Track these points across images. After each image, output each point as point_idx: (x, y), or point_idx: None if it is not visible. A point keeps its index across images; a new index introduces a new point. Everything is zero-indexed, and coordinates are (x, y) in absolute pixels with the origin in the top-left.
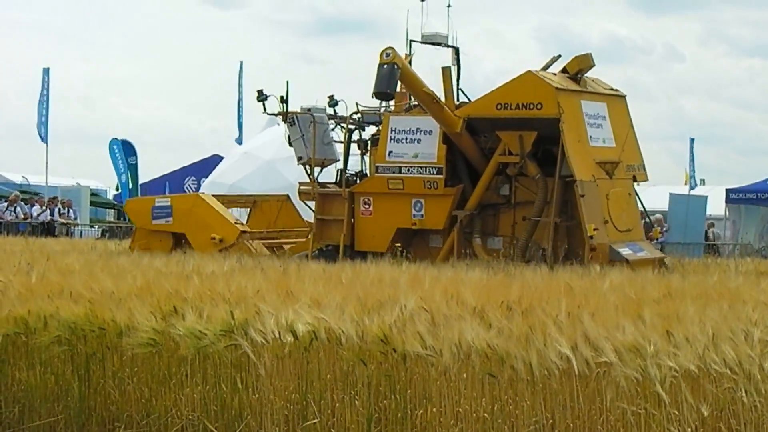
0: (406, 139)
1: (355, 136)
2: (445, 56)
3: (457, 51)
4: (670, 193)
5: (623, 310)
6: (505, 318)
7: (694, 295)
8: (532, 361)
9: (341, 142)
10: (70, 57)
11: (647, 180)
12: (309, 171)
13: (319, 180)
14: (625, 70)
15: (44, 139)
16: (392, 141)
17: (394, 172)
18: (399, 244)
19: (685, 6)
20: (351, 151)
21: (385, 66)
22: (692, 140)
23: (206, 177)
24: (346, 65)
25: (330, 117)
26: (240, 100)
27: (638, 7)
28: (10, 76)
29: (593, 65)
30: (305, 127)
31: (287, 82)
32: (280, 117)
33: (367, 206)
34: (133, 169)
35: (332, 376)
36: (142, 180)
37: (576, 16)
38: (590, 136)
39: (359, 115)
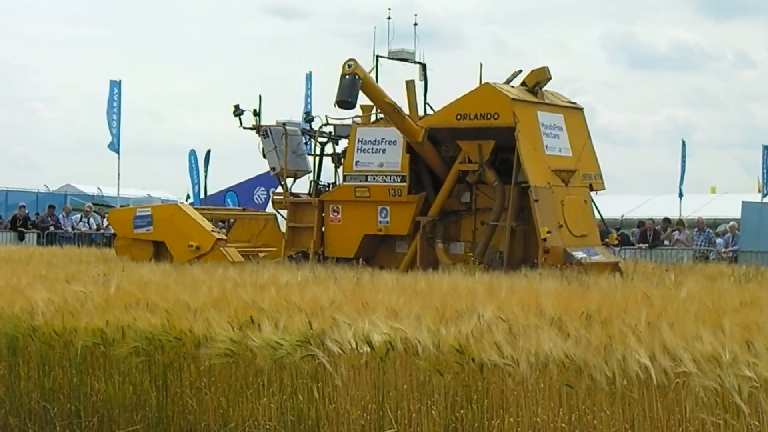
0: (372, 149)
1: (330, 150)
2: (413, 71)
3: (424, 67)
4: (743, 201)
5: (702, 320)
6: (583, 328)
7: None
8: (610, 371)
9: (315, 154)
10: (136, 70)
11: (604, 189)
12: (282, 181)
13: (295, 191)
14: (693, 77)
15: (116, 150)
16: (359, 151)
17: (360, 181)
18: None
19: (755, 11)
20: (326, 164)
21: (347, 77)
22: (765, 147)
23: (275, 188)
24: (412, 74)
25: (305, 131)
26: (309, 111)
27: (706, 12)
28: (79, 90)
29: (550, 78)
30: (278, 140)
31: (260, 97)
32: (255, 130)
33: (336, 214)
34: (206, 180)
35: (409, 386)
36: (210, 191)
37: (642, 23)
38: (546, 145)
39: (328, 127)
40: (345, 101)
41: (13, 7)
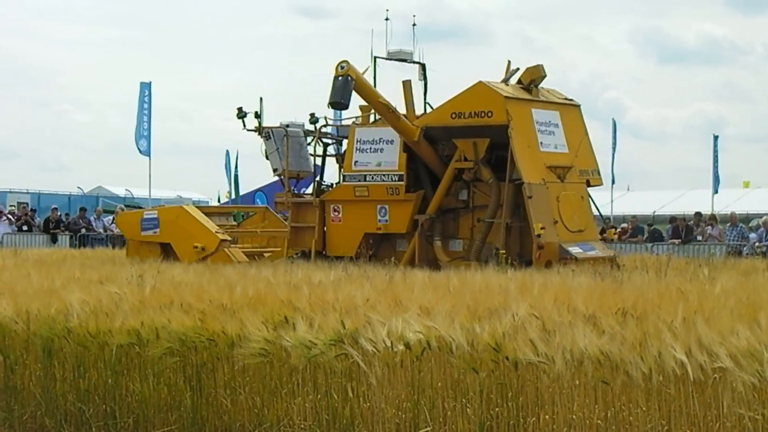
0: (370, 148)
1: (334, 150)
2: (413, 72)
3: (423, 67)
4: None
5: (738, 315)
6: (618, 324)
7: None
8: (646, 367)
9: (319, 155)
10: (165, 71)
11: (601, 184)
12: (283, 182)
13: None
14: (723, 71)
15: (146, 152)
16: (357, 151)
17: (359, 181)
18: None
19: None
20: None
21: (340, 78)
22: None
23: (306, 188)
24: (440, 72)
25: (309, 132)
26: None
27: (735, 6)
28: (109, 92)
29: (545, 76)
30: (280, 141)
31: (260, 99)
32: (257, 132)
33: (336, 213)
34: (235, 180)
35: (443, 384)
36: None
37: (670, 17)
38: (541, 142)
39: (328, 128)
40: (338, 102)
41: (42, 9)
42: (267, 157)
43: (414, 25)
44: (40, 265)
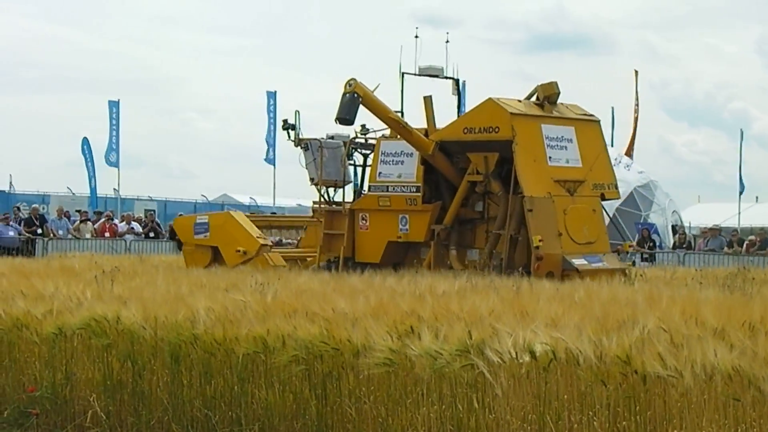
0: (393, 161)
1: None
2: (445, 87)
3: (457, 82)
4: None
5: None
6: (748, 338)
7: None
8: None
9: (360, 165)
10: (289, 81)
11: (618, 197)
12: (319, 191)
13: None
14: None
15: (272, 162)
16: (382, 163)
17: (383, 191)
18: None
19: None
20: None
21: (347, 95)
22: None
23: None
24: (562, 81)
25: (346, 143)
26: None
27: None
28: (233, 100)
29: (558, 92)
30: (316, 152)
31: (296, 112)
32: (295, 143)
33: (364, 222)
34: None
35: (569, 396)
36: None
37: None
38: (549, 157)
39: (361, 139)
40: (344, 118)
41: (168, 19)
42: (306, 167)
43: (447, 42)
44: (167, 271)
